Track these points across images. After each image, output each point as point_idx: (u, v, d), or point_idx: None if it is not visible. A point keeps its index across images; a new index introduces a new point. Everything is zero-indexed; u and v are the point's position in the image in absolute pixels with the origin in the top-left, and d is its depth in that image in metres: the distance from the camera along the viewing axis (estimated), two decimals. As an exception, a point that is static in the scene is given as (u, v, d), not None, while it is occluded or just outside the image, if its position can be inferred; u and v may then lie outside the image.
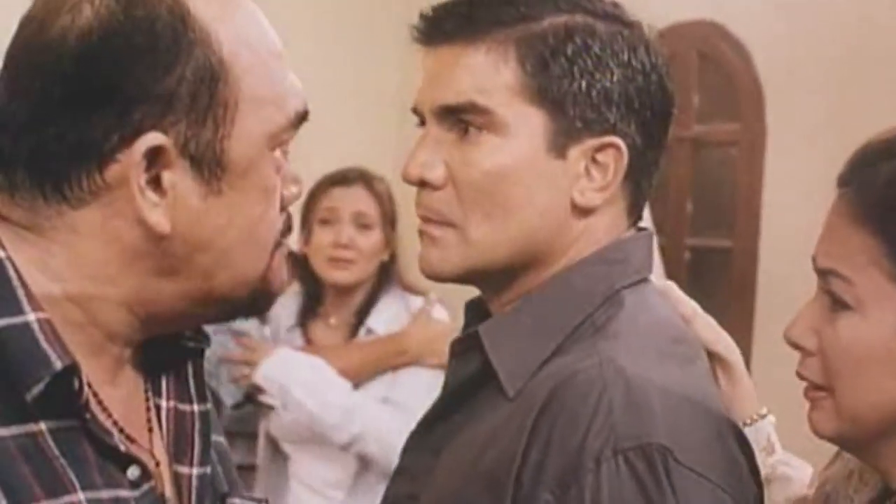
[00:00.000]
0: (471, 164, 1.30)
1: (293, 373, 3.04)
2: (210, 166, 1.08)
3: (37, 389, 1.02)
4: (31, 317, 1.04)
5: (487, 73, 1.29)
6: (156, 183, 1.07)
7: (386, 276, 3.20)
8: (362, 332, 3.17)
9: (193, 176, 1.08)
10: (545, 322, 1.32)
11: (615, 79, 1.31)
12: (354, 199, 3.15)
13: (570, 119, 1.30)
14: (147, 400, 1.17)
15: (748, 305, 4.59)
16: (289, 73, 1.14)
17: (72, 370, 1.04)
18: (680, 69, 4.75)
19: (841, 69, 4.42)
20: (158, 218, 1.07)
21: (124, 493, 1.09)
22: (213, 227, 1.09)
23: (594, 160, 1.32)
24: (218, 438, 1.26)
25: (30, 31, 1.08)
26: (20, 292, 1.05)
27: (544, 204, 1.31)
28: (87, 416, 1.06)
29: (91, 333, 1.10)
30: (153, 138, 1.05)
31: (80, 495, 1.04)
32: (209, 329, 1.23)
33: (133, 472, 1.10)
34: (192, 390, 1.19)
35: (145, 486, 1.11)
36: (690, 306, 1.45)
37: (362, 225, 3.14)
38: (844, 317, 1.25)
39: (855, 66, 4.38)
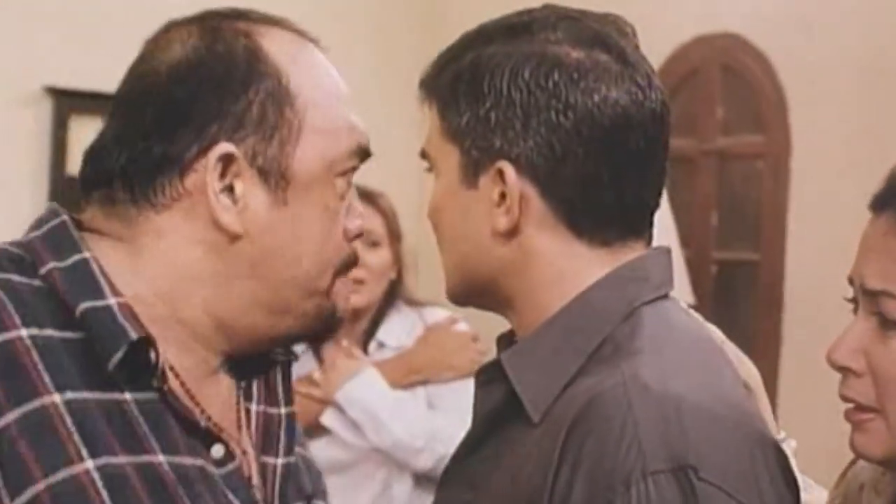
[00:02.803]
0: (430, 205, 1.42)
1: (380, 395, 3.00)
2: (275, 178, 1.25)
3: (116, 358, 1.18)
4: (112, 300, 1.21)
5: (430, 122, 1.41)
6: (229, 191, 1.24)
7: (393, 294, 3.16)
8: (373, 346, 3.13)
9: (261, 185, 1.25)
10: (566, 344, 1.33)
11: (489, 107, 1.34)
12: None
13: (468, 151, 1.36)
14: (237, 404, 1.32)
15: (775, 318, 4.55)
16: (350, 113, 1.32)
17: (146, 342, 1.20)
18: (703, 82, 4.75)
19: (865, 79, 4.40)
20: (230, 220, 1.23)
21: (209, 467, 1.23)
22: (280, 235, 1.26)
23: (504, 183, 1.34)
24: (304, 452, 1.40)
25: (133, 67, 1.30)
26: (102, 282, 1.22)
27: (467, 232, 1.37)
28: (165, 387, 1.21)
29: (178, 331, 1.26)
30: (224, 147, 1.23)
31: (161, 457, 1.19)
32: None
33: (217, 450, 1.24)
34: (280, 395, 1.35)
35: (230, 466, 1.25)
36: (714, 334, 1.44)
37: (371, 243, 3.10)
38: None
39: (879, 75, 4.36)
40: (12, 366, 1.16)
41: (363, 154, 1.33)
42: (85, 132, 5.07)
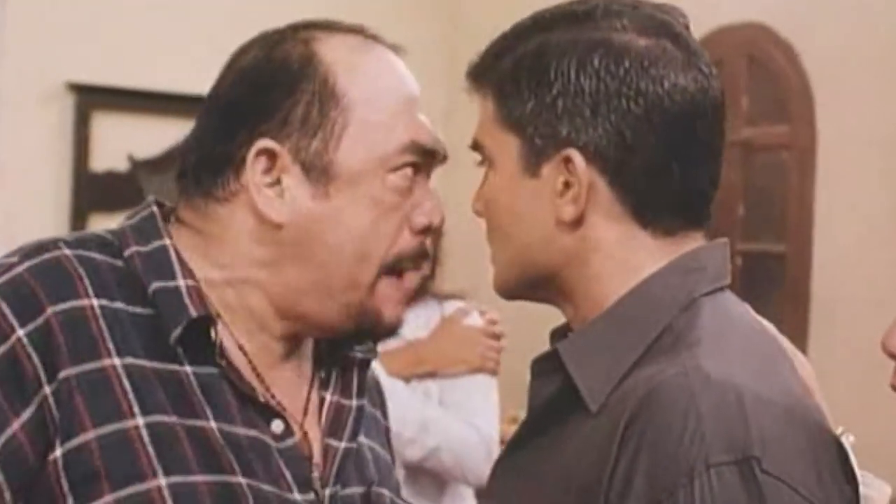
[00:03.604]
0: (483, 195, 1.41)
1: None
2: (318, 172, 1.34)
3: (177, 332, 1.29)
4: (181, 282, 1.33)
5: (481, 112, 1.40)
6: (277, 184, 1.34)
7: (423, 288, 3.04)
8: None
9: (304, 179, 1.34)
10: (624, 335, 1.32)
11: (556, 94, 1.33)
12: None
13: (531, 139, 1.35)
14: (310, 391, 1.41)
15: (802, 311, 4.53)
16: (415, 111, 1.39)
17: (206, 320, 1.31)
18: (728, 72, 4.71)
19: (892, 68, 4.36)
20: (271, 210, 1.33)
21: (268, 440, 1.32)
22: (322, 225, 1.34)
23: (569, 172, 1.33)
24: (381, 451, 1.50)
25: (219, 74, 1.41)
26: (176, 266, 1.34)
27: (529, 223, 1.36)
28: (224, 362, 1.31)
29: (243, 316, 1.36)
30: (264, 143, 1.33)
31: (213, 423, 1.29)
32: None
33: (277, 425, 1.33)
34: (354, 389, 1.43)
35: (289, 441, 1.34)
36: (769, 327, 1.42)
37: None
38: None
39: (907, 66, 4.32)
40: (79, 328, 1.27)
41: (419, 151, 1.37)
42: (107, 128, 5.09)
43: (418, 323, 3.07)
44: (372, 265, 1.36)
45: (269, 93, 1.35)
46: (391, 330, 1.42)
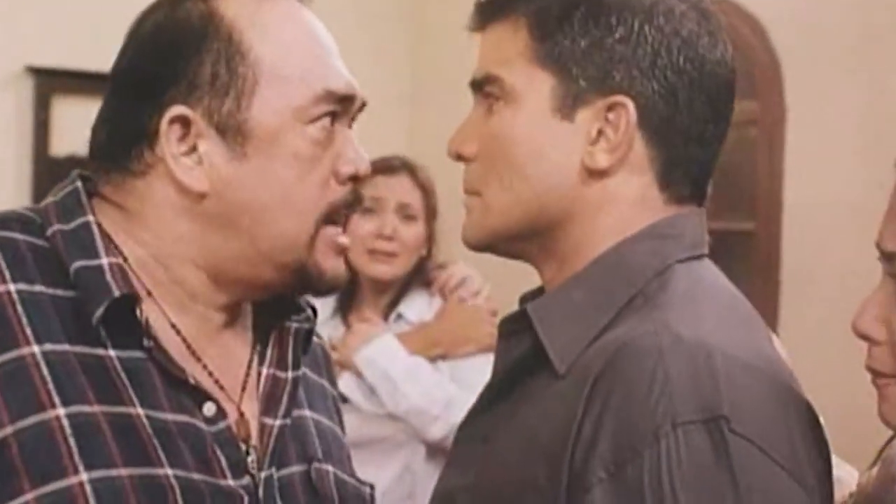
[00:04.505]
0: (489, 133, 1.35)
1: (397, 360, 2.95)
2: (233, 133, 1.29)
3: (98, 313, 1.24)
4: (104, 261, 1.28)
5: (503, 45, 1.35)
6: (193, 151, 1.29)
7: (421, 269, 3.10)
8: (392, 317, 3.08)
9: (220, 142, 1.29)
10: (596, 298, 1.30)
11: (618, 39, 1.31)
12: (400, 190, 3.06)
13: (574, 80, 1.31)
14: (249, 366, 1.37)
15: (772, 290, 4.52)
16: (326, 58, 1.34)
17: (131, 299, 1.26)
18: (695, 49, 4.69)
19: (861, 42, 4.34)
20: (192, 180, 1.29)
21: (199, 424, 1.27)
22: (245, 188, 1.30)
23: (607, 121, 1.31)
24: (327, 422, 1.45)
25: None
26: (99, 244, 1.29)
27: (552, 165, 1.32)
28: (149, 343, 1.26)
29: (175, 292, 1.32)
30: (176, 110, 1.28)
31: (139, 410, 1.24)
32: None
33: (209, 408, 1.29)
34: (290, 360, 1.38)
35: (221, 424, 1.29)
36: None
37: (407, 216, 3.05)
38: None
39: (875, 39, 4.31)
40: None
41: (335, 99, 1.33)
42: (67, 112, 5.02)
43: (422, 306, 3.08)
44: (306, 222, 1.32)
45: (174, 57, 1.30)
46: (334, 284, 1.37)
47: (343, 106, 1.34)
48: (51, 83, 5.01)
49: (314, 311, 1.44)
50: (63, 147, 5.07)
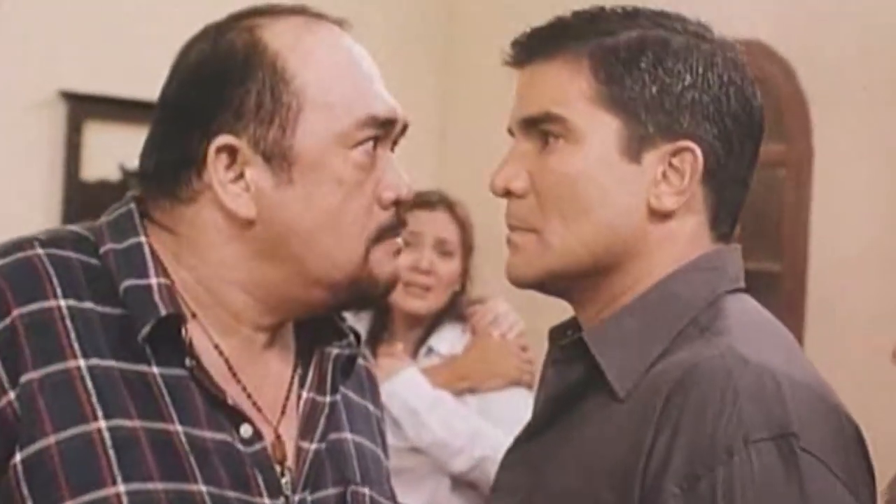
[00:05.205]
0: (549, 170, 1.36)
1: (421, 393, 2.95)
2: (279, 160, 1.32)
3: (144, 331, 1.28)
4: (153, 280, 1.32)
5: (563, 84, 1.36)
6: (240, 178, 1.32)
7: (454, 304, 3.11)
8: (423, 351, 3.09)
9: (266, 169, 1.32)
10: (650, 326, 1.34)
11: (687, 86, 1.35)
12: (438, 225, 3.07)
13: (642, 124, 1.35)
14: (289, 390, 1.39)
15: (798, 330, 4.50)
16: (367, 83, 1.36)
17: (176, 319, 1.29)
18: (724, 89, 4.70)
19: (888, 86, 4.34)
20: (239, 206, 1.32)
21: (237, 444, 1.30)
22: (292, 214, 1.32)
23: (671, 165, 1.35)
24: (368, 444, 1.47)
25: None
26: (150, 264, 1.33)
27: (619, 207, 1.35)
28: (192, 363, 1.29)
29: (220, 314, 1.35)
30: (222, 139, 1.31)
31: (178, 427, 1.27)
32: None
33: (245, 430, 1.31)
34: (329, 385, 1.40)
35: (257, 446, 1.31)
36: None
37: (444, 252, 3.07)
38: None
39: (904, 84, 4.30)
40: (45, 330, 1.26)
41: (377, 124, 1.35)
42: (99, 137, 5.06)
43: (453, 339, 3.09)
44: (354, 244, 1.35)
45: (220, 87, 1.33)
46: (389, 289, 1.39)
47: (385, 130, 1.36)
48: (83, 108, 5.04)
49: (357, 336, 1.46)
50: (94, 172, 5.10)
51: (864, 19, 4.44)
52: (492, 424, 2.94)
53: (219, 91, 1.33)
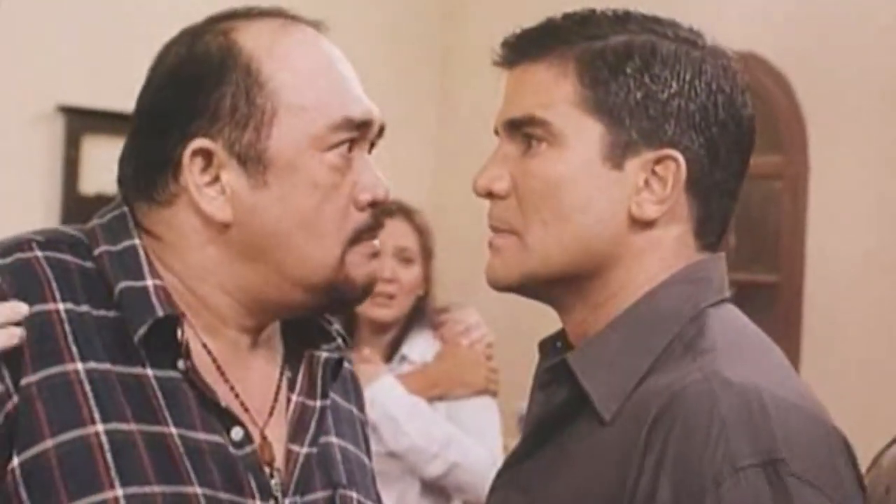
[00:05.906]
0: (530, 174, 1.35)
1: (399, 400, 3.01)
2: (254, 163, 1.32)
3: (141, 332, 1.28)
4: (149, 282, 1.32)
5: (548, 87, 1.35)
6: (216, 181, 1.32)
7: (420, 309, 3.17)
8: (396, 359, 3.14)
9: (242, 172, 1.32)
10: (633, 344, 1.32)
11: (673, 93, 1.33)
12: (397, 233, 3.11)
13: (626, 130, 1.33)
14: (277, 392, 1.39)
15: (794, 341, 4.51)
16: (343, 86, 1.36)
17: (173, 319, 1.30)
18: (721, 102, 4.72)
19: (885, 98, 4.36)
20: (215, 209, 1.32)
21: (229, 446, 1.31)
22: (268, 216, 1.33)
23: (654, 172, 1.33)
24: (353, 449, 1.47)
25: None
26: (145, 266, 1.33)
27: (600, 213, 1.34)
28: (187, 363, 1.30)
29: (205, 316, 1.35)
30: (198, 143, 1.32)
31: (173, 429, 1.28)
32: None
33: (237, 433, 1.31)
34: (319, 389, 1.40)
35: (247, 448, 1.32)
36: None
37: (404, 259, 3.12)
38: None
39: (900, 96, 4.32)
40: (43, 333, 1.27)
41: (354, 125, 1.35)
42: (97, 151, 5.07)
43: (425, 347, 3.14)
44: (331, 246, 1.34)
45: (195, 90, 1.33)
46: (367, 290, 1.40)
47: (361, 132, 1.36)
48: (82, 122, 5.05)
49: (345, 339, 1.45)
50: (92, 185, 5.11)
51: (861, 32, 4.45)
52: (460, 431, 3.01)
53: (194, 94, 1.33)
